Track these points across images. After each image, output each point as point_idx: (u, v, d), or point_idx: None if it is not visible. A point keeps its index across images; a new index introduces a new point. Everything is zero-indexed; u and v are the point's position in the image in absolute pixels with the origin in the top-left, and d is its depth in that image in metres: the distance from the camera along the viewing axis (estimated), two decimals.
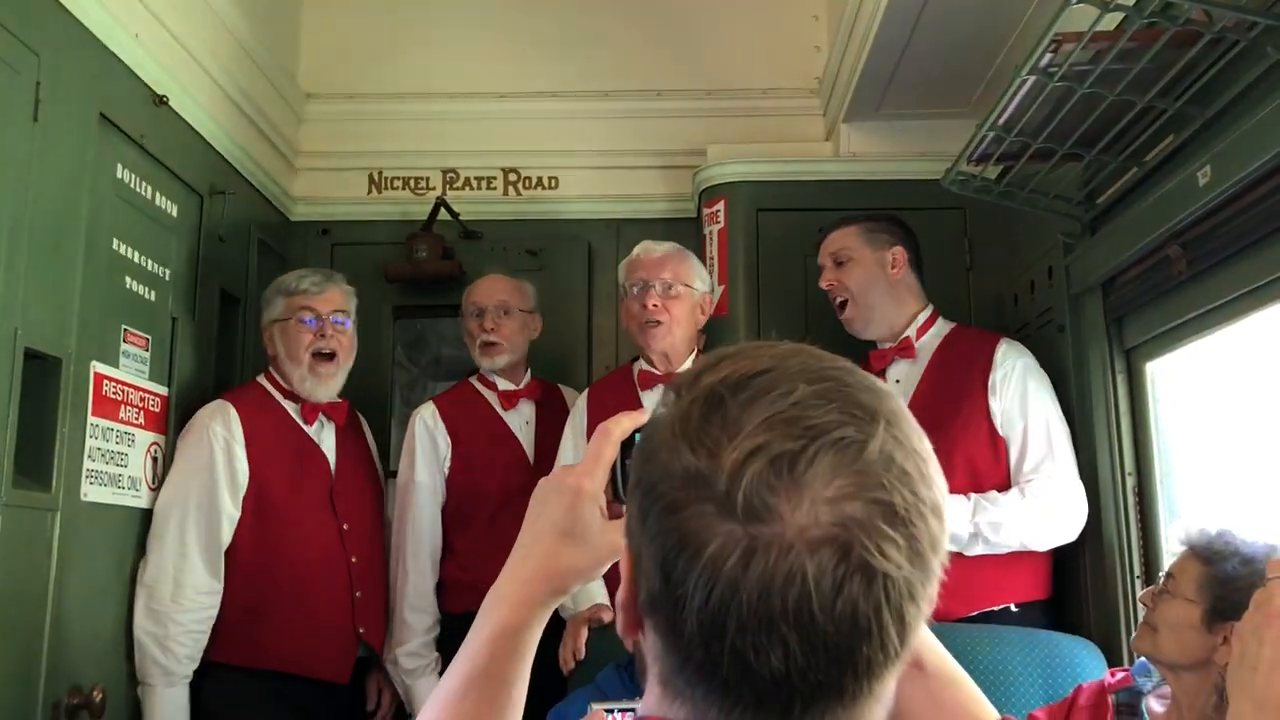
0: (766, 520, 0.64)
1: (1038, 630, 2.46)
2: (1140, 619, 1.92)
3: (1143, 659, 1.89)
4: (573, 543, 0.92)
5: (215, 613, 2.61)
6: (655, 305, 2.78)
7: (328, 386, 2.85)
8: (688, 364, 2.82)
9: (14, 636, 2.11)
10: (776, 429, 0.66)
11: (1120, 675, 1.98)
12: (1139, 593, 2.33)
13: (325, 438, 2.88)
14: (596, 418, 2.75)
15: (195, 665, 2.58)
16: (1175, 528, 1.92)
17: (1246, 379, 2.26)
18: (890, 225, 2.81)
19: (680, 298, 2.81)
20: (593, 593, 2.57)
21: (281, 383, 2.85)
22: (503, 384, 3.09)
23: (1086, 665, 2.34)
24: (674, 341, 2.81)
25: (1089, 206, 2.53)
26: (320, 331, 2.81)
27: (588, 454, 0.94)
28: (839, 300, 2.79)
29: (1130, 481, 2.47)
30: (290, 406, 2.84)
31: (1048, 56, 1.96)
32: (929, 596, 0.68)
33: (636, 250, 2.92)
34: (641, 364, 2.90)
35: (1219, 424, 2.36)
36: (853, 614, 0.64)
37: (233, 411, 2.70)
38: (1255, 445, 2.23)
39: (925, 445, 0.70)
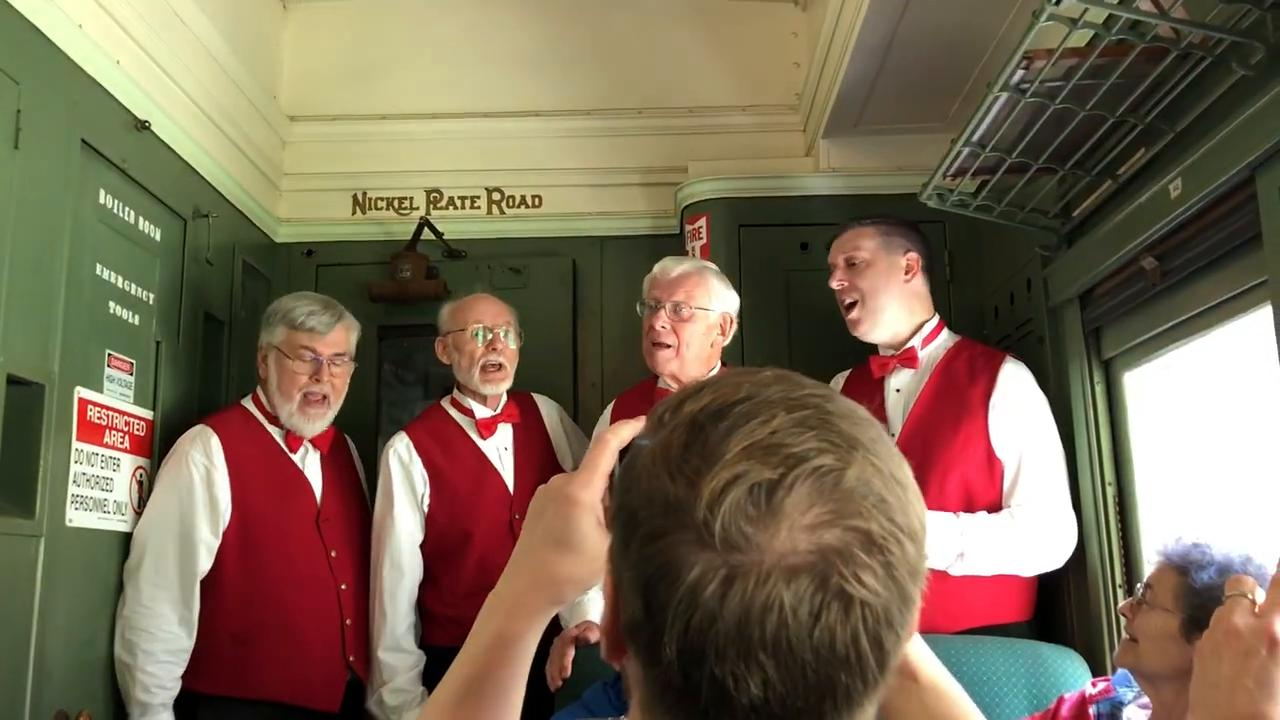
0: (744, 549, 0.64)
1: (1022, 640, 2.47)
2: (1122, 629, 1.93)
3: (1122, 670, 1.91)
4: (570, 552, 0.92)
5: (190, 643, 2.57)
6: (663, 328, 2.73)
7: (314, 424, 2.81)
8: None
9: (1, 662, 2.11)
10: (755, 457, 0.66)
11: (1101, 685, 1.99)
12: (1120, 603, 2.35)
13: (310, 464, 2.85)
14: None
15: (171, 694, 2.54)
16: (1152, 539, 1.93)
17: (1227, 387, 2.28)
18: (907, 230, 2.76)
19: (691, 320, 2.74)
20: (585, 609, 2.52)
21: (268, 408, 2.82)
22: (479, 410, 2.97)
23: (1070, 675, 2.35)
24: (682, 364, 2.74)
25: (1065, 219, 2.55)
26: (317, 375, 2.77)
27: (585, 463, 0.94)
28: (848, 301, 2.74)
29: (1110, 491, 2.48)
30: (275, 432, 2.81)
31: (1020, 73, 1.99)
32: (908, 624, 0.68)
33: (657, 267, 2.86)
34: (660, 381, 2.84)
35: (1201, 432, 2.38)
36: (831, 642, 0.64)
37: (214, 438, 2.68)
38: (1235, 453, 2.25)
39: (905, 472, 0.71)
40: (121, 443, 2.59)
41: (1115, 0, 1.75)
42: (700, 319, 2.77)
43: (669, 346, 2.74)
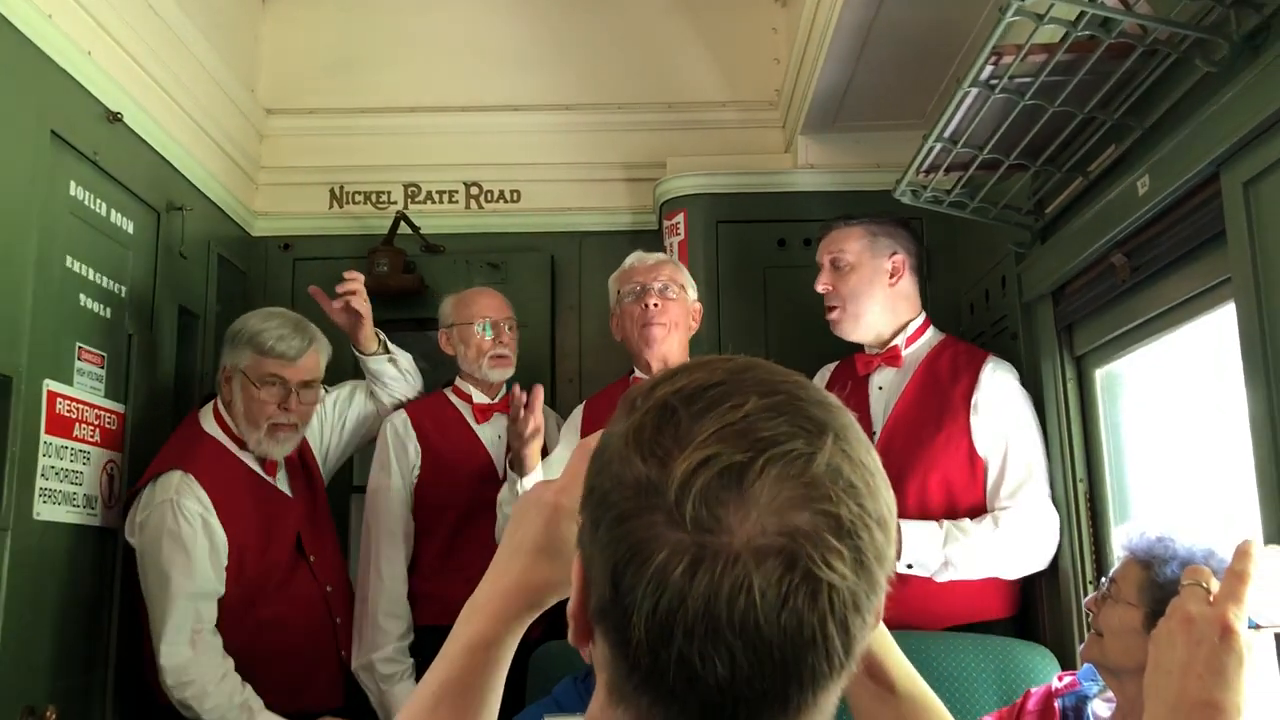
0: (714, 530, 0.65)
1: (992, 636, 2.48)
2: (1089, 624, 1.94)
3: (1088, 664, 1.91)
4: (549, 558, 0.93)
5: (231, 664, 2.53)
6: (655, 305, 2.75)
7: (284, 447, 2.75)
8: None
9: None
10: (727, 440, 0.67)
11: (1067, 680, 1.99)
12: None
13: (281, 477, 2.82)
14: (591, 426, 2.76)
15: (244, 695, 2.51)
16: (1116, 530, 1.93)
17: (1196, 382, 2.29)
18: (895, 230, 2.77)
19: (677, 300, 2.79)
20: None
21: (234, 430, 2.73)
22: (478, 396, 3.04)
23: (1040, 671, 2.36)
24: (673, 345, 2.78)
25: (1038, 216, 2.56)
26: (285, 403, 2.69)
27: (566, 470, 0.95)
28: (830, 304, 2.75)
29: (1082, 488, 2.49)
30: (248, 459, 2.74)
31: (989, 68, 1.99)
32: (874, 609, 0.69)
33: (629, 260, 2.91)
34: (636, 373, 2.87)
35: (1174, 428, 2.38)
36: (798, 624, 0.65)
37: (197, 484, 2.56)
38: (1204, 448, 2.26)
39: (874, 459, 0.71)
40: (92, 436, 2.58)
41: None
42: (682, 300, 2.82)
43: (662, 325, 2.76)
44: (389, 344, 3.00)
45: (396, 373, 3.01)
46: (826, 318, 2.77)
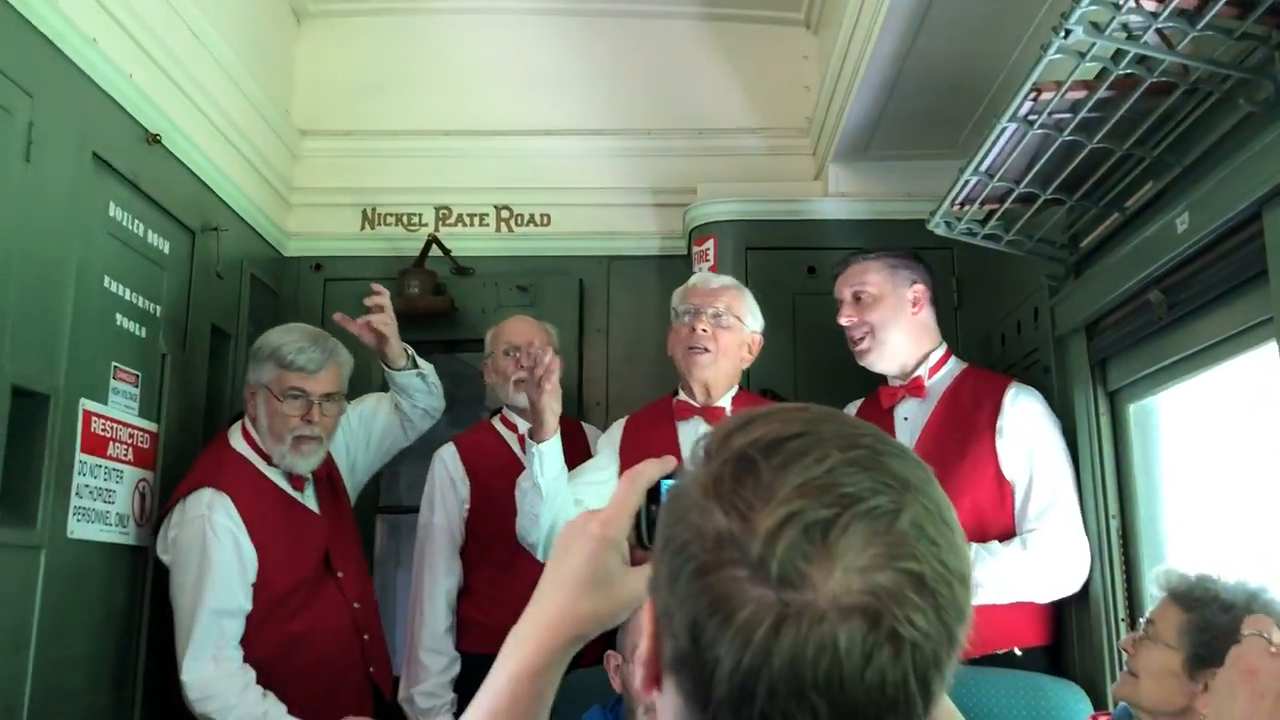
0: (799, 587, 0.65)
1: (1023, 672, 2.45)
2: (1124, 663, 1.92)
3: (1123, 704, 1.89)
4: (595, 589, 0.92)
5: (253, 675, 2.54)
6: (704, 330, 2.74)
7: (309, 461, 2.75)
8: (727, 398, 2.80)
9: None
10: (810, 495, 0.67)
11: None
12: (1122, 636, 2.33)
13: (309, 494, 2.83)
14: (630, 442, 2.78)
15: (266, 705, 2.51)
16: (1155, 571, 1.92)
17: (1235, 419, 2.27)
18: (912, 262, 2.78)
19: (730, 329, 2.77)
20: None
21: (261, 446, 2.74)
22: (523, 425, 2.99)
23: (1072, 709, 2.34)
24: (717, 373, 2.76)
25: (1073, 250, 2.55)
26: (308, 416, 2.70)
27: (612, 500, 0.94)
28: (857, 335, 2.75)
29: (1114, 524, 2.47)
30: (275, 475, 2.75)
31: (1028, 104, 1.99)
32: (952, 665, 0.69)
33: (694, 279, 2.90)
34: (681, 395, 2.86)
35: (1209, 464, 2.37)
36: (881, 683, 0.64)
37: (228, 500, 2.58)
38: (1240, 484, 2.24)
39: (954, 515, 0.71)
40: (125, 455, 2.60)
41: (1123, 35, 1.75)
42: (737, 330, 2.79)
43: (708, 351, 2.74)
44: (416, 358, 3.02)
45: (424, 385, 3.04)
46: (854, 349, 2.78)
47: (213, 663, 2.50)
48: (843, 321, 2.76)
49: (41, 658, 2.23)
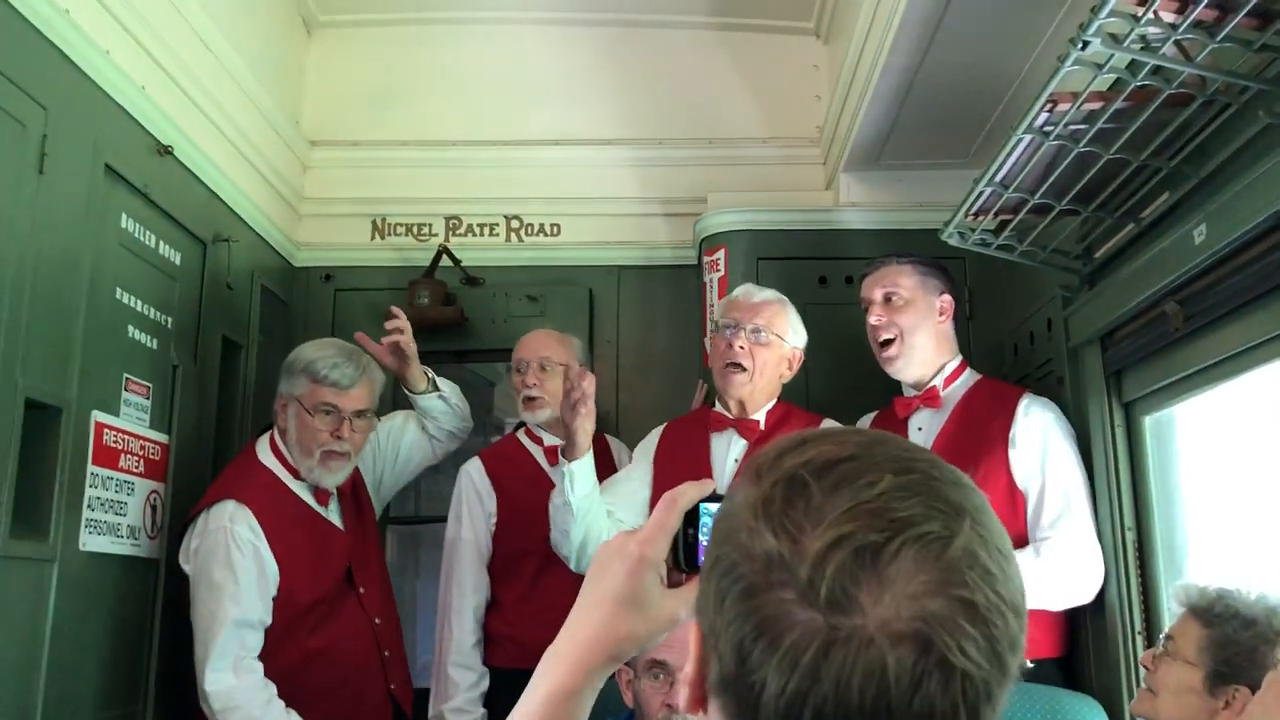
0: (848, 611, 0.64)
1: (1040, 686, 2.44)
2: (1141, 679, 1.90)
3: None
4: (631, 610, 0.92)
5: (274, 689, 2.53)
6: (741, 348, 2.72)
7: (336, 476, 2.76)
8: (763, 412, 2.79)
9: (10, 687, 2.10)
10: (861, 519, 0.66)
11: None
12: (1140, 650, 2.32)
13: (334, 508, 2.83)
14: (665, 451, 2.79)
15: (294, 717, 2.52)
16: (1174, 586, 1.90)
17: (1254, 432, 2.25)
18: (940, 272, 2.78)
19: (769, 345, 2.75)
20: None
21: (288, 459, 2.74)
22: (549, 439, 3.05)
23: None
24: (753, 390, 2.75)
25: (1087, 260, 2.54)
26: (338, 431, 2.70)
27: (651, 521, 0.94)
28: (885, 338, 2.73)
29: (1130, 536, 2.45)
30: (300, 489, 2.76)
31: (1043, 115, 1.98)
32: (1004, 697, 0.67)
33: (737, 291, 2.88)
34: (717, 406, 2.86)
35: (1227, 476, 2.35)
36: (929, 711, 0.63)
37: (250, 514, 2.58)
38: (1262, 499, 2.22)
39: (1008, 543, 0.70)
40: (137, 467, 2.59)
41: (1140, 47, 1.74)
42: (776, 347, 2.77)
43: (744, 370, 2.73)
44: (436, 380, 3.01)
45: (446, 407, 3.03)
46: (880, 355, 2.75)
47: (235, 674, 2.49)
48: (873, 320, 2.74)
49: (54, 669, 2.22)
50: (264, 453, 2.76)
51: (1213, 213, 1.92)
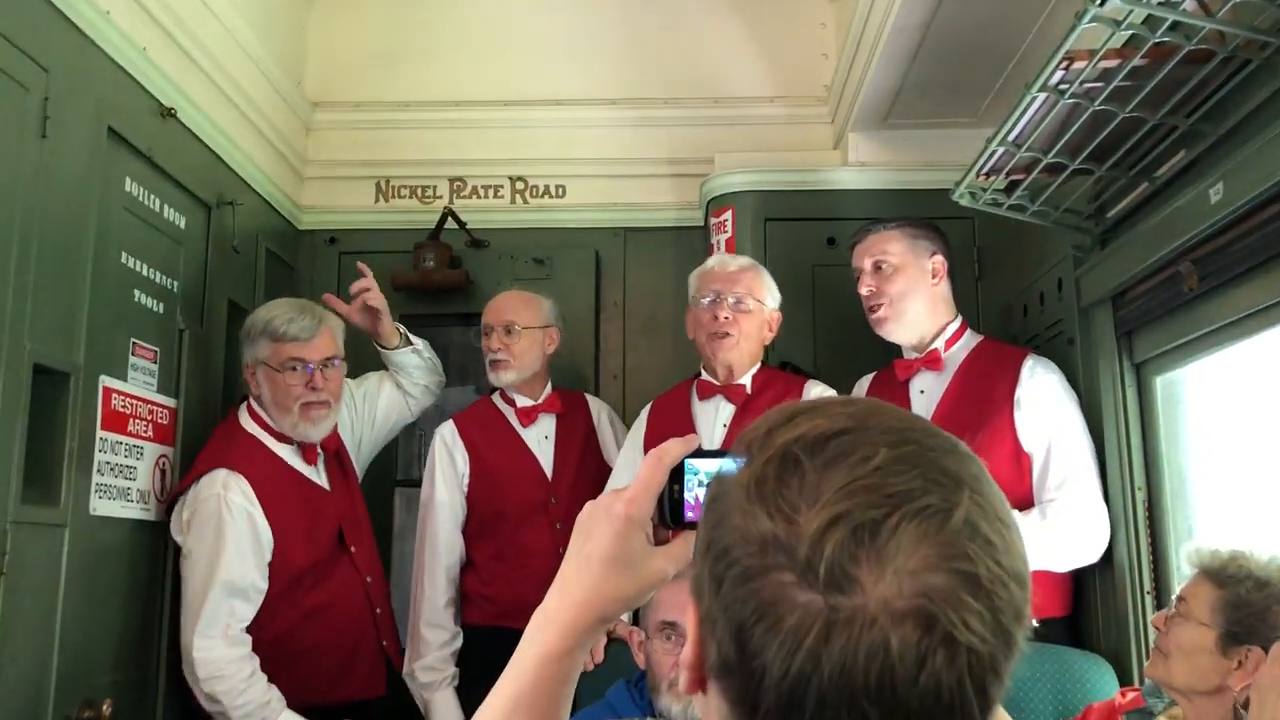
0: (848, 591, 0.62)
1: (1049, 646, 2.45)
2: (1152, 641, 1.91)
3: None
4: (620, 570, 0.90)
5: (257, 662, 2.54)
6: (727, 318, 2.76)
7: (320, 427, 2.77)
8: (748, 376, 2.81)
9: (24, 651, 2.11)
10: (858, 496, 0.64)
11: (1131, 695, 1.97)
12: (1149, 610, 2.32)
13: (321, 470, 2.84)
14: (655, 429, 2.80)
15: (270, 694, 2.52)
16: (1186, 548, 1.90)
17: (1265, 393, 2.24)
18: (931, 232, 2.77)
19: (751, 312, 2.78)
20: None
21: (270, 424, 2.75)
22: (521, 400, 3.06)
23: (1098, 682, 2.33)
24: (741, 355, 2.79)
25: (1099, 220, 2.52)
26: (311, 383, 2.71)
27: (636, 480, 0.92)
28: (874, 303, 2.74)
29: (1140, 496, 2.45)
30: (286, 450, 2.76)
31: (1059, 73, 1.96)
32: (1010, 667, 0.66)
33: (711, 262, 2.90)
34: (702, 374, 2.88)
35: (1243, 438, 2.34)
36: (935, 688, 0.62)
37: (244, 481, 2.58)
38: (1269, 458, 2.22)
39: (1008, 511, 0.69)
40: (145, 431, 2.59)
41: (1159, 1, 1.71)
42: (757, 313, 2.81)
43: (730, 337, 2.76)
44: (409, 335, 3.03)
45: (420, 361, 3.06)
46: (871, 318, 2.77)
47: (224, 643, 2.51)
48: (863, 291, 2.75)
49: (67, 632, 2.23)
50: (246, 421, 2.76)
51: (1230, 171, 1.90)
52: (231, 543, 2.53)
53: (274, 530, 2.61)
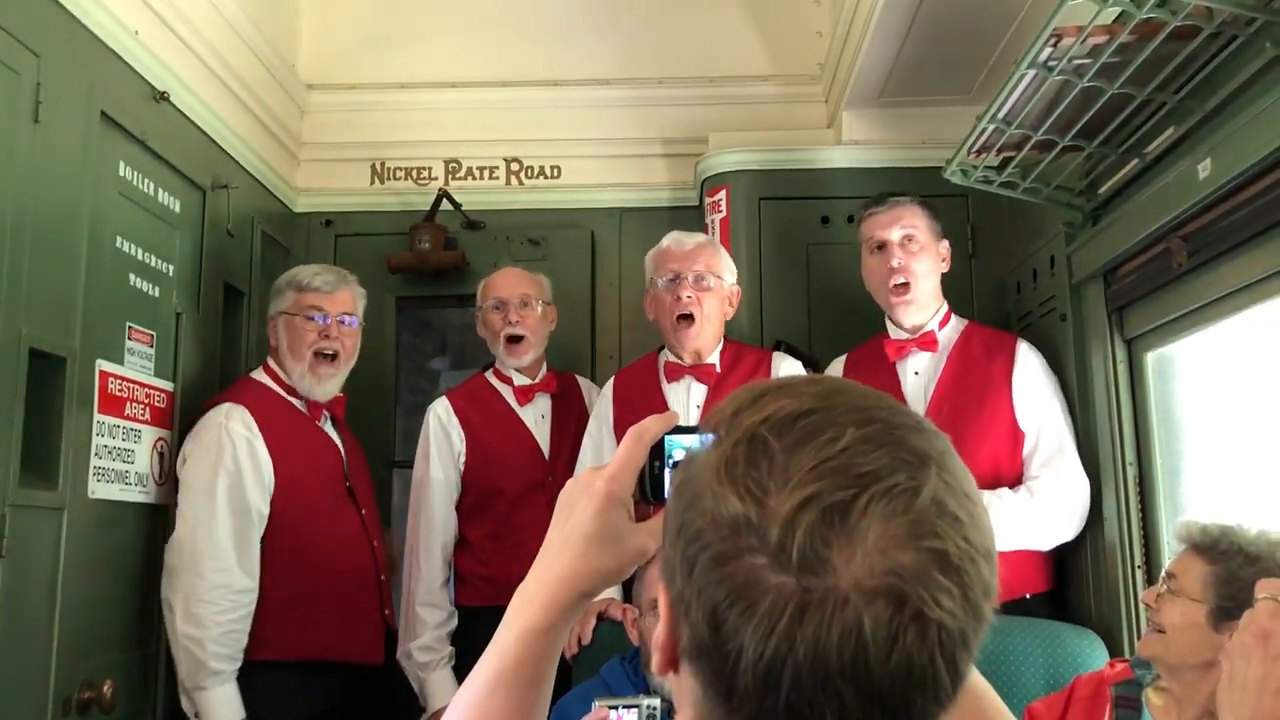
0: (820, 573, 0.63)
1: (1041, 620, 2.48)
2: (1144, 617, 1.92)
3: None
4: (600, 546, 0.91)
5: (253, 609, 2.59)
6: (689, 297, 2.74)
7: (326, 386, 2.83)
8: (715, 354, 2.81)
9: (25, 633, 2.13)
10: (826, 477, 0.65)
11: (1119, 667, 1.98)
12: (1140, 585, 2.35)
13: (330, 430, 2.90)
14: (622, 408, 2.79)
15: (240, 660, 2.56)
16: (1176, 523, 1.91)
17: (1255, 368, 2.25)
18: (939, 217, 2.81)
19: (712, 290, 2.77)
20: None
21: (282, 377, 2.83)
22: (518, 378, 3.05)
23: (1088, 656, 2.36)
24: (706, 333, 2.77)
25: (1090, 197, 2.52)
26: (325, 332, 2.80)
27: (616, 457, 0.92)
28: (902, 281, 2.70)
29: (1131, 472, 2.47)
30: (296, 403, 2.83)
31: (1047, 50, 1.96)
32: (980, 641, 0.67)
33: (666, 241, 2.87)
34: (667, 355, 2.86)
35: (1235, 414, 2.35)
36: (908, 665, 0.63)
37: (246, 411, 2.67)
38: (1260, 433, 2.23)
39: (974, 487, 0.69)
40: (142, 414, 2.61)
41: None
42: (719, 289, 2.80)
43: (694, 320, 2.74)
44: None
45: None
46: (894, 299, 2.73)
47: (242, 573, 2.57)
48: (894, 263, 2.70)
49: (68, 615, 2.25)
50: (258, 374, 2.86)
51: (1218, 147, 1.91)
52: (230, 467, 2.59)
53: (274, 459, 2.67)
